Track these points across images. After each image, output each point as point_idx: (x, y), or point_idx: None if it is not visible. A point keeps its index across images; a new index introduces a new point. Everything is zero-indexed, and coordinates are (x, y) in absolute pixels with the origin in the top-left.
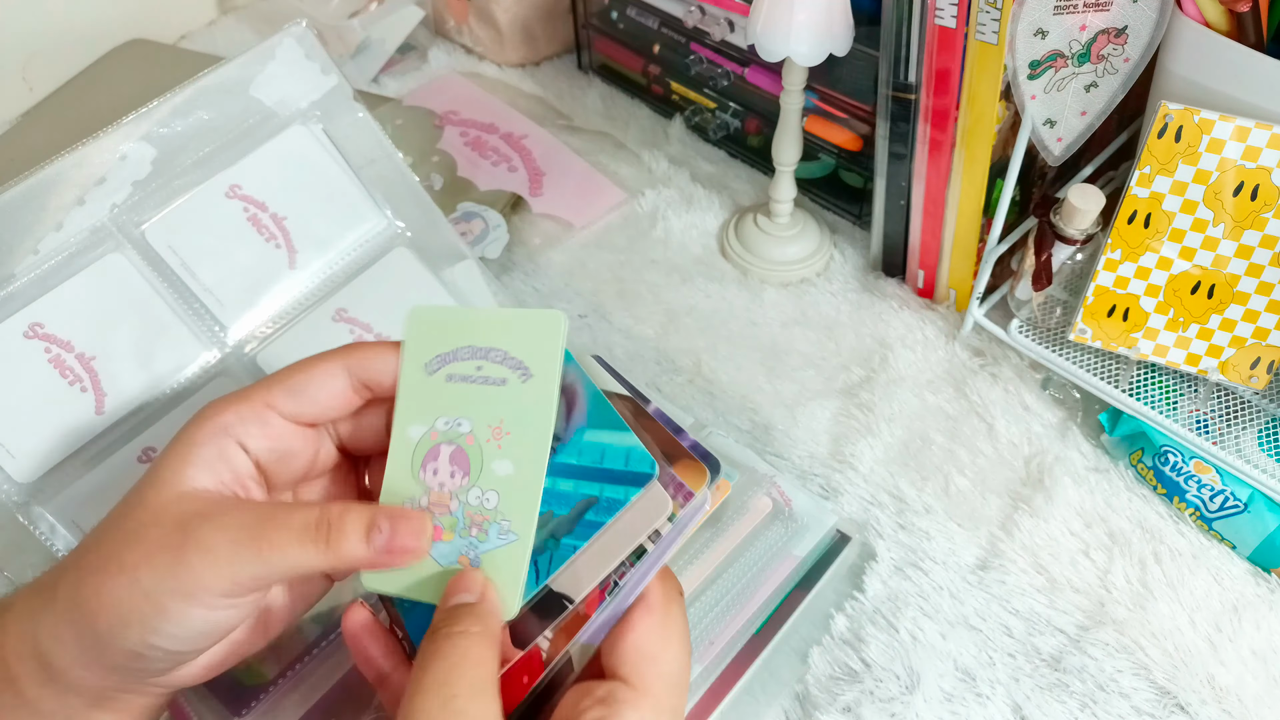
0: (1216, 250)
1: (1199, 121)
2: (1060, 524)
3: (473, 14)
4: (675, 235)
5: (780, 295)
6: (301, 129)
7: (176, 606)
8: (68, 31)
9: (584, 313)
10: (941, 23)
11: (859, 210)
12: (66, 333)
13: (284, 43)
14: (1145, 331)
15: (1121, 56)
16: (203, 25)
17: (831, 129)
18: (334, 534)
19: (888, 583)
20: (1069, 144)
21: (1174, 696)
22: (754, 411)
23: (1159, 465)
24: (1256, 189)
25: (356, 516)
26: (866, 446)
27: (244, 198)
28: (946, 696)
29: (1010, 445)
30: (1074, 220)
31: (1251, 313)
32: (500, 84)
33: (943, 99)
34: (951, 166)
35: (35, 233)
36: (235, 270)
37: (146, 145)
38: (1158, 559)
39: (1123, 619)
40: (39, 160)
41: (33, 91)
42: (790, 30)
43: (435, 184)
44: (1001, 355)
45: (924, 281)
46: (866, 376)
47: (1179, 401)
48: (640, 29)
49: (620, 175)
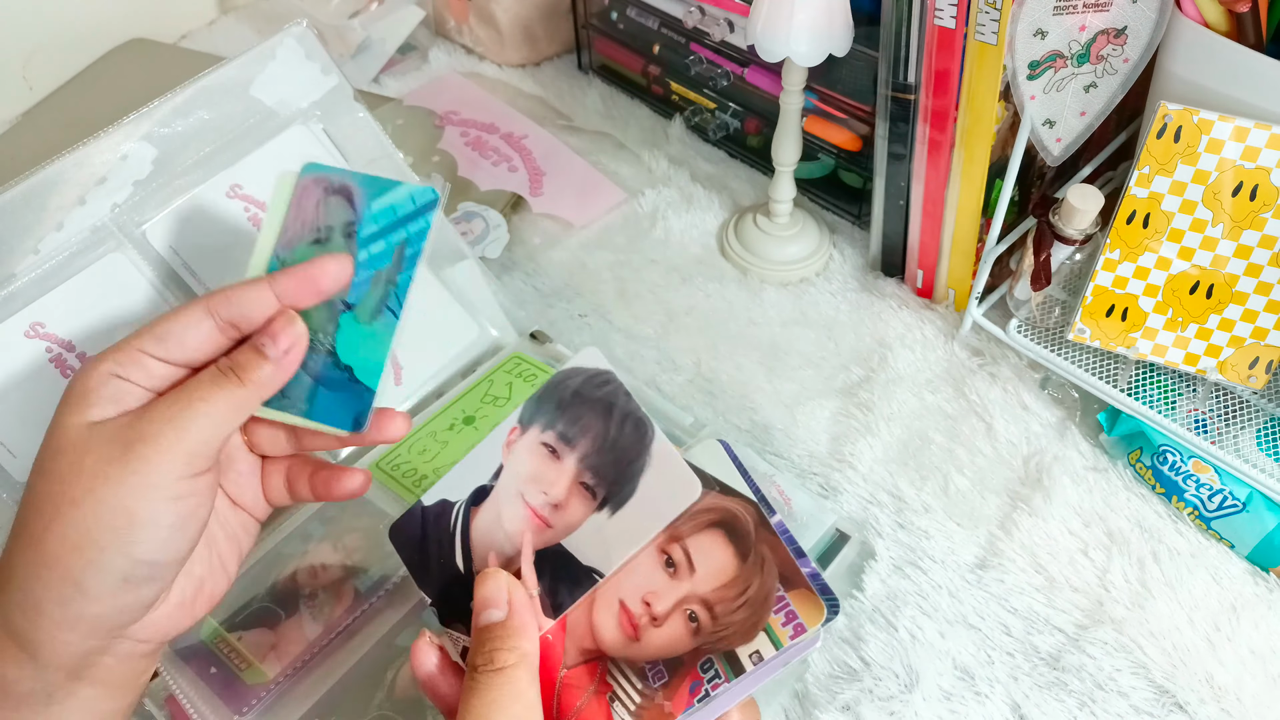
0: (1215, 250)
1: (1198, 122)
2: (1059, 523)
3: (473, 14)
4: (675, 235)
5: (780, 295)
6: (302, 129)
7: (143, 505)
8: (68, 31)
9: (584, 312)
10: (941, 23)
11: (858, 210)
12: (67, 332)
13: (284, 43)
14: (1144, 331)
15: (1121, 57)
16: (203, 25)
17: (831, 129)
18: (238, 368)
19: (887, 581)
20: (1068, 144)
21: (1172, 695)
22: (754, 411)
23: (1157, 465)
24: (1255, 189)
25: (243, 349)
26: (866, 446)
27: (245, 197)
28: (945, 695)
29: (1009, 444)
30: (1073, 220)
31: (1250, 313)
32: (500, 84)
33: (942, 99)
34: (951, 167)
35: (36, 232)
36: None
37: (147, 145)
38: (1156, 558)
39: (1121, 618)
40: (39, 160)
41: (33, 91)
42: (790, 30)
43: (436, 184)
44: (1000, 355)
45: (923, 281)
46: (866, 376)
47: (1177, 401)
48: (640, 29)
49: (620, 175)
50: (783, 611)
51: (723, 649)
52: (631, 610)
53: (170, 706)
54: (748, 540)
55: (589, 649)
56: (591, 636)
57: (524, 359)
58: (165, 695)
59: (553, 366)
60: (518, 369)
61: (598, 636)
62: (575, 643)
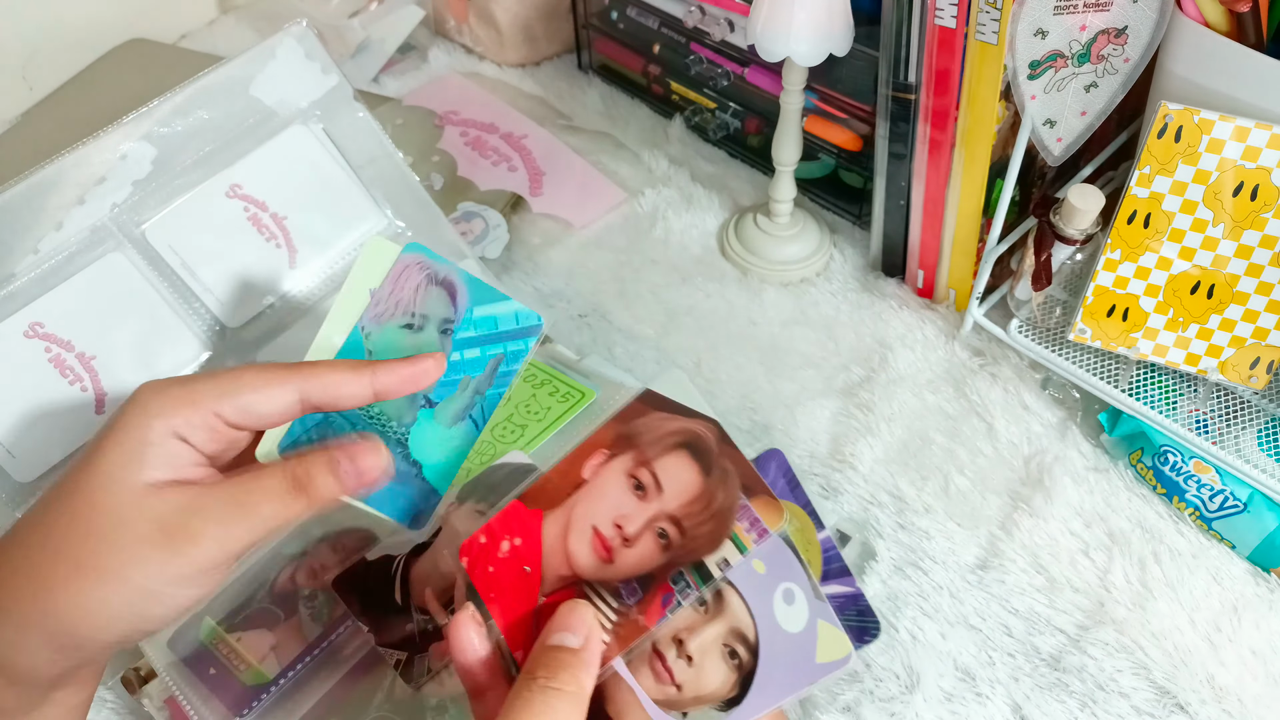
0: (1216, 250)
1: (1199, 121)
2: (1060, 524)
3: (473, 14)
4: (675, 235)
5: (780, 295)
6: (302, 128)
7: (170, 592)
8: (68, 31)
9: (584, 313)
10: (941, 23)
11: (859, 210)
12: (67, 332)
13: (284, 42)
14: (1145, 331)
15: (1121, 57)
16: (203, 25)
17: (831, 129)
18: (310, 486)
19: (887, 582)
20: (1069, 144)
21: (1173, 696)
22: (754, 411)
23: (1158, 465)
24: (1256, 189)
25: (318, 462)
26: (866, 446)
27: (244, 197)
28: (946, 696)
29: (1010, 445)
30: (1073, 220)
31: (1251, 313)
32: (500, 84)
33: (942, 99)
34: (951, 166)
35: (35, 232)
36: (235, 269)
37: (147, 145)
38: (1157, 559)
39: (1122, 619)
40: (39, 160)
41: (33, 91)
42: (790, 30)
43: (435, 184)
44: (1001, 355)
45: (924, 281)
46: (866, 376)
47: (1178, 401)
48: (640, 29)
49: (620, 175)
50: (746, 519)
51: (691, 560)
52: (604, 534)
53: (170, 708)
54: (710, 457)
55: (565, 575)
56: (567, 563)
57: None
58: (165, 697)
59: (554, 366)
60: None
61: (573, 562)
62: (552, 571)
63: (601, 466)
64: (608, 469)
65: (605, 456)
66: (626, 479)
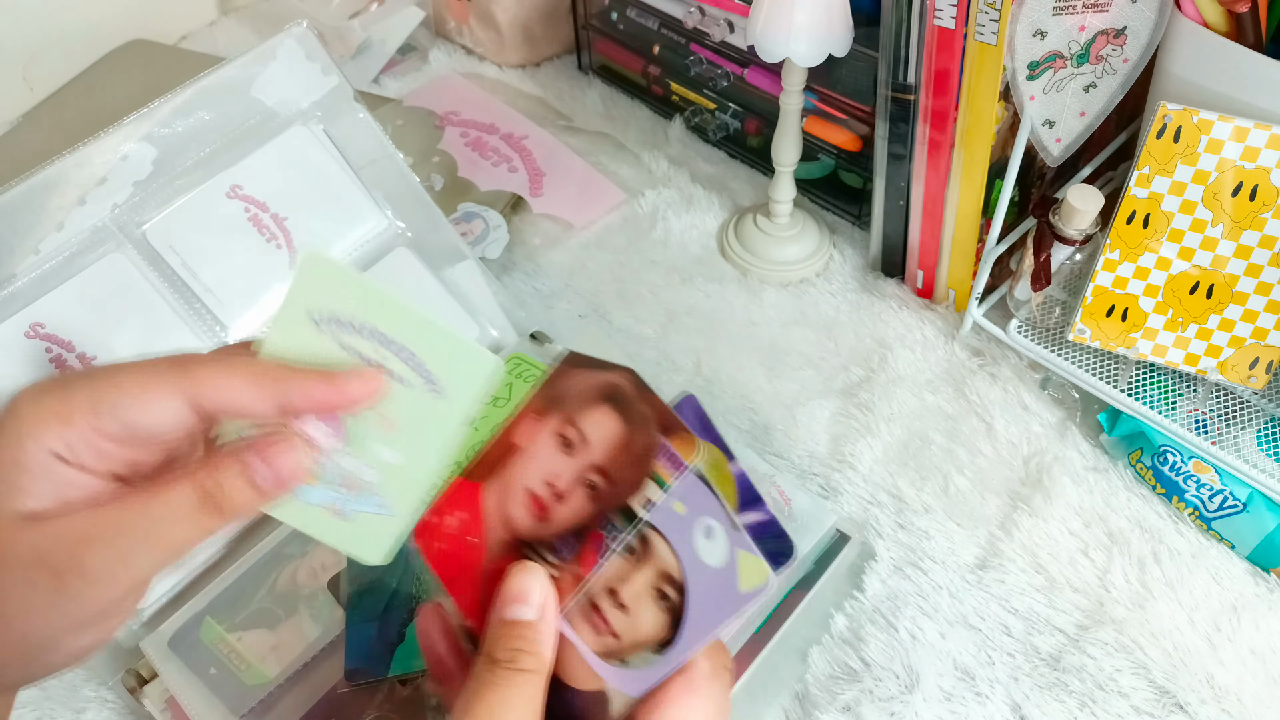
0: (1215, 250)
1: (1198, 122)
2: (1059, 524)
3: (473, 15)
4: (675, 235)
5: (780, 295)
6: (302, 129)
7: (64, 639)
8: (68, 31)
9: (584, 313)
10: (941, 23)
11: (858, 210)
12: (68, 333)
13: (285, 43)
14: (1144, 331)
15: (1120, 57)
16: (203, 26)
17: (831, 129)
18: (222, 499)
19: (887, 582)
20: (1068, 144)
21: (1173, 696)
22: (754, 411)
23: (1158, 465)
24: (1255, 189)
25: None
26: (866, 446)
27: (245, 198)
28: (946, 696)
29: (1009, 445)
30: (1073, 220)
31: (1250, 313)
32: (500, 85)
33: (942, 100)
34: (950, 167)
35: (36, 233)
36: (236, 270)
37: (147, 145)
38: (1157, 559)
39: (1122, 618)
40: (40, 160)
41: (33, 91)
42: (790, 31)
43: (436, 184)
44: (1000, 355)
45: (923, 281)
46: (866, 376)
47: (1178, 401)
48: (640, 30)
49: (620, 175)
50: (664, 455)
51: (618, 505)
52: (539, 494)
53: (171, 708)
54: (630, 404)
55: (506, 539)
56: (506, 528)
57: (524, 359)
58: (166, 697)
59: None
60: (518, 369)
61: (512, 526)
62: (495, 537)
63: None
64: (537, 431)
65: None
66: (555, 438)
